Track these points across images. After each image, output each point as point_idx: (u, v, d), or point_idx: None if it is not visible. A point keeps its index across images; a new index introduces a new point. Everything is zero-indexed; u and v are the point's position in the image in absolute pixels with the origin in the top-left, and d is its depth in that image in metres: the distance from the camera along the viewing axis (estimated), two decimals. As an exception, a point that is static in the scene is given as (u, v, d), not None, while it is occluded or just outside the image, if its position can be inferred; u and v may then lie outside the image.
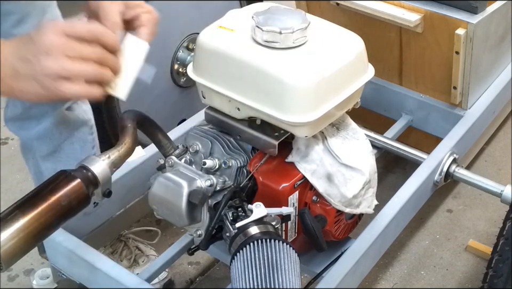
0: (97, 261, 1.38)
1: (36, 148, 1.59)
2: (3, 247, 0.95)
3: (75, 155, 1.60)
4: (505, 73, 1.98)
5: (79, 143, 1.61)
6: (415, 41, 1.83)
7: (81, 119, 1.60)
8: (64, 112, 1.55)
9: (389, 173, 2.23)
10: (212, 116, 1.37)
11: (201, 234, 1.29)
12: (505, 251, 1.40)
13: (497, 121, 2.20)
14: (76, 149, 1.61)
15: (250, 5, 1.39)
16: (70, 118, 1.57)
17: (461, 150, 1.75)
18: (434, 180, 1.66)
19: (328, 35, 1.30)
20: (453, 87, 1.80)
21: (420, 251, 1.98)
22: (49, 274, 1.74)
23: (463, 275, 1.90)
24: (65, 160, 1.60)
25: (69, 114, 1.56)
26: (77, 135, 1.60)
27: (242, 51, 1.24)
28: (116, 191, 1.17)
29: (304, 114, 1.21)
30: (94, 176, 1.08)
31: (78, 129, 1.60)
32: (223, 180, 1.28)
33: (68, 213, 1.05)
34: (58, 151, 1.59)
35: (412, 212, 1.62)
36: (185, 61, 1.98)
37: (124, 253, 1.82)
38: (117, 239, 1.83)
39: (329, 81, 1.23)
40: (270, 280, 1.05)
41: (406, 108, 1.93)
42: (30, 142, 1.59)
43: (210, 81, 1.29)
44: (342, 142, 1.34)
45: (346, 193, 1.32)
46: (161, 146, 1.32)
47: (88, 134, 1.63)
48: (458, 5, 1.71)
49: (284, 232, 1.31)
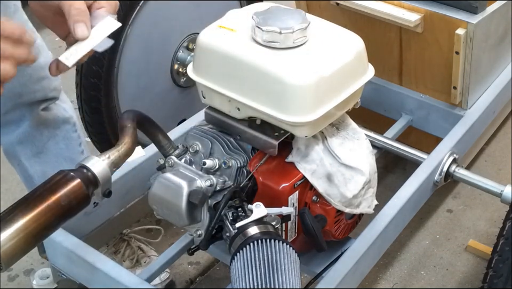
0: (97, 261, 1.38)
1: (19, 152, 1.58)
2: (3, 247, 0.95)
3: (62, 154, 1.60)
4: (505, 73, 1.98)
5: (64, 142, 1.61)
6: (415, 41, 1.83)
7: (62, 117, 1.60)
8: (41, 113, 1.54)
9: (389, 173, 2.23)
10: (211, 116, 1.37)
11: (201, 234, 1.28)
12: (505, 252, 1.40)
13: (497, 121, 2.19)
14: (61, 148, 1.61)
15: (250, 5, 1.39)
16: (49, 117, 1.57)
17: (461, 150, 1.75)
18: (434, 180, 1.66)
19: (328, 35, 1.30)
20: (453, 87, 1.80)
21: (419, 251, 1.98)
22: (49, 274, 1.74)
23: (463, 275, 1.90)
24: (53, 160, 1.59)
25: (46, 114, 1.56)
26: (60, 134, 1.60)
27: (242, 51, 1.24)
28: (115, 191, 1.17)
29: (304, 114, 1.21)
30: (94, 176, 1.08)
31: (60, 128, 1.60)
32: (223, 180, 1.28)
33: (67, 213, 1.05)
34: (45, 153, 1.59)
35: (412, 212, 1.62)
36: (185, 61, 1.98)
37: (127, 253, 1.82)
38: (120, 238, 1.83)
39: (329, 81, 1.22)
40: (270, 280, 1.05)
41: (406, 108, 1.93)
42: (12, 147, 1.58)
43: (210, 81, 1.29)
44: (342, 142, 1.34)
45: (346, 193, 1.32)
46: (161, 146, 1.32)
47: (72, 132, 1.62)
48: (458, 5, 1.71)
49: (284, 232, 1.31)
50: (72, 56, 1.08)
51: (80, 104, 1.86)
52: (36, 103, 1.52)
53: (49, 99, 1.55)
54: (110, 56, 1.78)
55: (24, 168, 1.61)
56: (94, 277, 1.39)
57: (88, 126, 1.91)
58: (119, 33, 1.72)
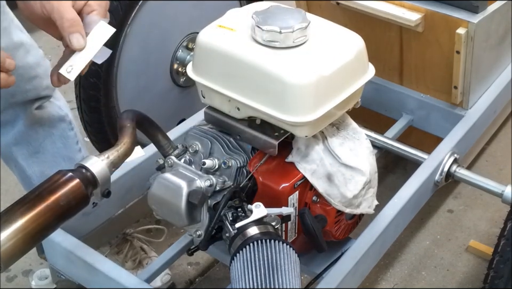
0: (96, 261, 1.37)
1: (16, 153, 1.57)
2: (2, 248, 0.95)
3: (60, 153, 1.59)
4: (506, 73, 1.98)
5: (60, 140, 1.60)
6: (415, 40, 1.82)
7: (57, 115, 1.59)
8: (34, 112, 1.54)
9: (389, 173, 2.22)
10: (211, 116, 1.36)
11: (201, 235, 1.28)
12: (506, 252, 1.40)
13: (498, 121, 2.19)
14: (59, 147, 1.60)
15: (250, 4, 1.38)
16: (44, 116, 1.56)
17: (462, 150, 1.74)
18: (435, 180, 1.65)
19: (328, 34, 1.29)
20: (453, 87, 1.80)
21: (420, 251, 1.97)
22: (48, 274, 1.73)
23: (464, 276, 1.90)
24: (51, 159, 1.59)
25: (41, 113, 1.55)
26: (56, 133, 1.59)
27: (242, 51, 1.23)
28: (115, 191, 1.17)
29: (304, 114, 1.21)
30: (93, 176, 1.08)
31: (55, 127, 1.59)
32: (222, 180, 1.28)
33: (66, 213, 1.04)
34: (42, 152, 1.58)
35: (412, 212, 1.62)
36: (185, 61, 1.98)
37: (129, 254, 1.81)
38: (122, 238, 1.82)
39: (330, 81, 1.22)
40: (270, 281, 1.04)
41: (407, 108, 1.93)
42: (9, 148, 1.57)
43: (210, 81, 1.29)
44: (342, 141, 1.34)
45: (347, 193, 1.32)
46: (161, 146, 1.32)
47: (68, 130, 1.62)
48: (459, 5, 1.70)
49: (284, 233, 1.31)
50: (73, 69, 1.10)
51: (79, 104, 1.85)
52: (29, 102, 1.51)
53: (43, 98, 1.54)
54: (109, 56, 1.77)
55: (21, 169, 1.60)
56: (93, 277, 1.38)
57: (87, 125, 1.90)
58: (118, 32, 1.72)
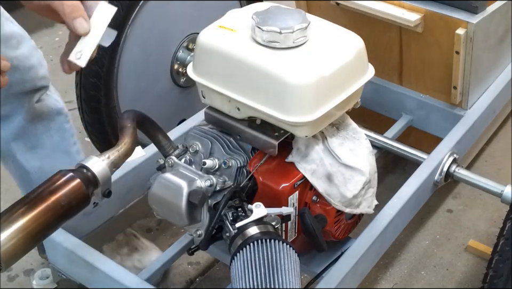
0: (97, 261, 1.38)
1: (14, 149, 1.57)
2: (3, 247, 0.95)
3: (58, 147, 1.59)
4: (505, 73, 1.98)
5: (58, 134, 1.60)
6: (415, 41, 1.82)
7: (55, 108, 1.59)
8: (35, 106, 1.54)
9: (389, 173, 2.22)
10: (211, 116, 1.36)
11: (201, 234, 1.28)
12: (506, 252, 1.40)
13: (498, 121, 2.19)
14: (56, 140, 1.60)
15: (250, 4, 1.39)
16: (43, 110, 1.56)
17: (461, 150, 1.75)
18: (434, 180, 1.66)
19: (328, 35, 1.30)
20: (453, 87, 1.80)
21: (420, 251, 1.97)
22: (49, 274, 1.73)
23: (463, 275, 1.90)
24: (50, 153, 1.59)
25: (40, 106, 1.55)
26: (54, 126, 1.59)
27: (242, 51, 1.24)
28: (115, 191, 1.17)
29: (304, 114, 1.21)
30: (93, 176, 1.08)
31: (53, 120, 1.59)
32: (223, 180, 1.28)
33: (67, 213, 1.05)
34: (41, 147, 1.58)
35: (412, 212, 1.62)
36: (185, 61, 1.98)
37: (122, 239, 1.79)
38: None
39: (329, 81, 1.22)
40: (270, 280, 1.04)
41: (406, 108, 1.93)
42: (7, 144, 1.57)
43: (210, 81, 1.29)
44: (342, 142, 1.34)
45: (346, 193, 1.32)
46: (161, 146, 1.32)
47: (65, 123, 1.62)
48: (459, 5, 1.71)
49: (283, 232, 1.31)
50: (82, 55, 1.09)
51: (80, 104, 1.86)
52: (27, 94, 1.51)
53: (40, 89, 1.54)
54: (110, 56, 1.78)
55: (19, 165, 1.60)
56: (94, 277, 1.39)
57: (88, 126, 1.91)
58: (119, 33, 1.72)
